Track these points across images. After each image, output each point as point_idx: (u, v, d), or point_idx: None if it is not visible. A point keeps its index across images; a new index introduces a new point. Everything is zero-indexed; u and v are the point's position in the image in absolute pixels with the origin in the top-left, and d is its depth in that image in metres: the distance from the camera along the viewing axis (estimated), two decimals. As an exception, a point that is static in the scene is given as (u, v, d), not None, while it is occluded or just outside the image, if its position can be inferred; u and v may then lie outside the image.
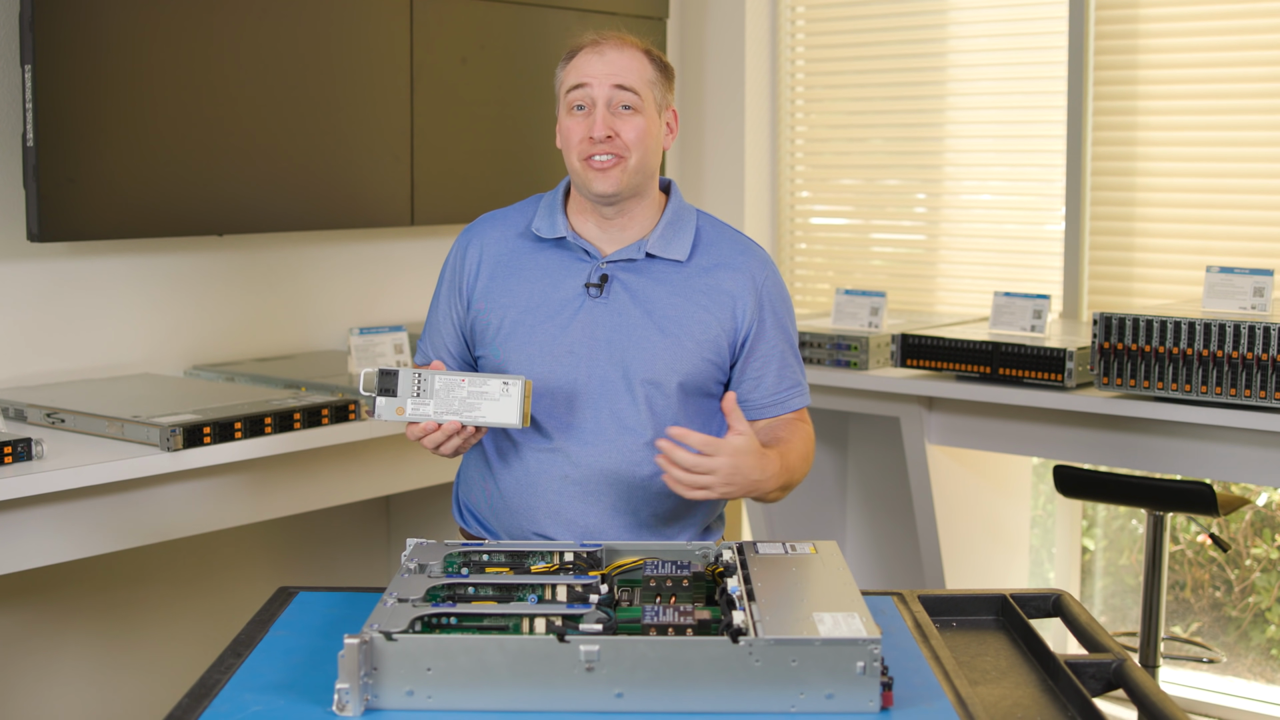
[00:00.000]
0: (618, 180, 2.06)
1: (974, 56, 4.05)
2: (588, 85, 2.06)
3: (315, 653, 1.72)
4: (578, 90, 2.07)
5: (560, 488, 2.08)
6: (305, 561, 3.73)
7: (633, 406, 2.07)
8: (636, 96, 2.07)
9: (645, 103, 2.08)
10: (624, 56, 2.08)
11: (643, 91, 2.08)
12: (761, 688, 1.51)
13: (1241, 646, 3.84)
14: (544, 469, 2.09)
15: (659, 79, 2.11)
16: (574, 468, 2.07)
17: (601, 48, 2.09)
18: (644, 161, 2.08)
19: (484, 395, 1.95)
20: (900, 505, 4.06)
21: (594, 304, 2.09)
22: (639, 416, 2.07)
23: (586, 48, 2.10)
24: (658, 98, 2.11)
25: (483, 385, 1.95)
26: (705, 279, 2.11)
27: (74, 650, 3.27)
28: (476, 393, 1.95)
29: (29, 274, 3.06)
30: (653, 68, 2.11)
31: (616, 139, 2.05)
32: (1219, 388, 2.99)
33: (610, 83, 2.06)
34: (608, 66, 2.07)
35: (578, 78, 2.08)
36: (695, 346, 2.09)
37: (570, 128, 2.08)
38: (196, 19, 3.13)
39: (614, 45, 2.09)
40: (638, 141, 2.07)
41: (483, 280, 2.15)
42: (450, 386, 1.95)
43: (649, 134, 2.08)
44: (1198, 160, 3.65)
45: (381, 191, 3.55)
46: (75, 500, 2.58)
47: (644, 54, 2.10)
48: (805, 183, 4.44)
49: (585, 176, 2.07)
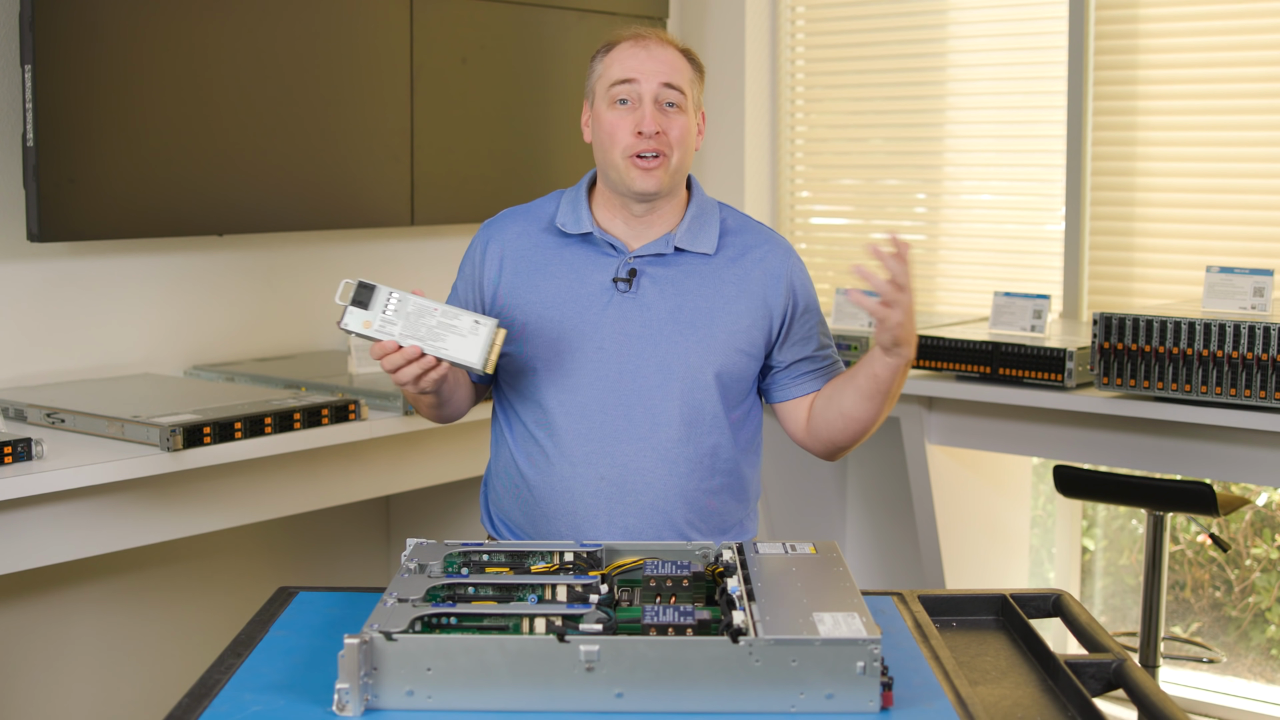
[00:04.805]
0: (659, 180, 2.05)
1: (974, 56, 4.05)
2: (635, 81, 2.05)
3: (315, 653, 1.72)
4: (624, 85, 2.05)
5: (597, 490, 2.05)
6: (305, 561, 3.72)
7: (667, 403, 2.05)
8: (682, 95, 2.06)
9: (687, 103, 2.08)
10: (668, 54, 2.08)
11: (687, 90, 2.07)
12: (761, 688, 1.51)
13: (1241, 646, 3.83)
14: (578, 472, 2.06)
15: (696, 79, 2.11)
16: (610, 469, 2.05)
17: (647, 43, 2.07)
18: (683, 161, 2.08)
19: (452, 329, 1.90)
20: (900, 505, 4.06)
21: (623, 299, 2.07)
22: (673, 412, 2.05)
23: (629, 41, 2.08)
24: (695, 98, 2.11)
25: (454, 319, 1.91)
26: (734, 270, 2.11)
27: (74, 650, 3.27)
28: (446, 324, 1.91)
29: (29, 274, 3.06)
30: (691, 68, 2.10)
31: (663, 136, 2.04)
32: (1219, 388, 2.99)
33: (659, 80, 2.04)
34: (656, 64, 2.05)
35: (624, 72, 2.05)
36: (728, 338, 2.08)
37: (615, 122, 2.06)
38: (196, 19, 3.13)
39: (657, 42, 2.08)
40: (680, 141, 2.06)
41: (506, 277, 2.12)
42: (422, 312, 1.90)
43: (690, 133, 2.08)
44: (1198, 160, 3.65)
45: (381, 191, 3.55)
46: (75, 500, 2.58)
47: (683, 54, 2.10)
48: (805, 183, 4.44)
49: (628, 174, 2.05)
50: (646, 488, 2.05)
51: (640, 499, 2.05)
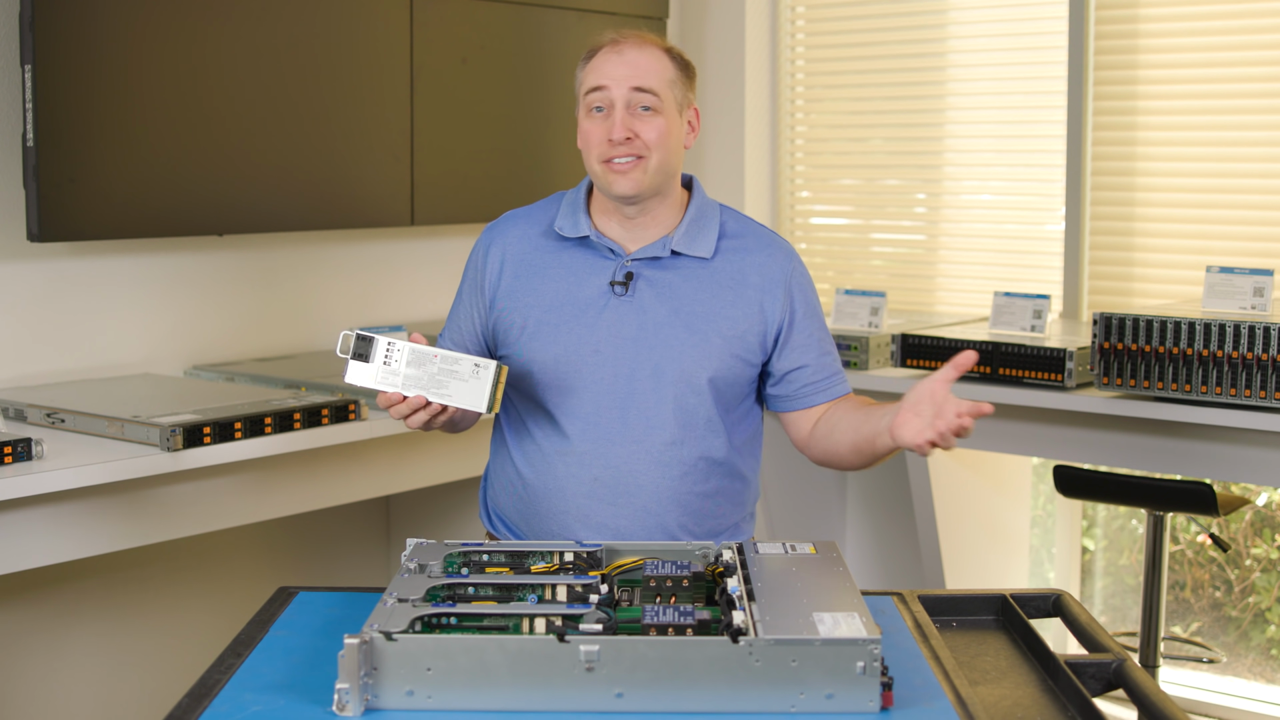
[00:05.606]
0: (638, 181, 2.05)
1: (974, 56, 4.05)
2: (606, 88, 2.05)
3: (315, 653, 1.72)
4: (596, 93, 2.06)
5: (590, 490, 2.06)
6: (305, 561, 3.73)
7: (661, 406, 2.05)
8: (655, 98, 2.05)
9: (665, 103, 2.06)
10: (644, 56, 2.06)
11: (662, 92, 2.06)
12: (761, 688, 1.51)
13: (1241, 646, 3.83)
14: (572, 472, 2.06)
15: (679, 78, 2.09)
16: (604, 470, 2.05)
17: (621, 47, 2.06)
18: (665, 161, 2.07)
19: (454, 374, 1.91)
20: (900, 505, 4.06)
21: (619, 302, 2.08)
22: (668, 416, 2.05)
23: (606, 47, 2.08)
24: (678, 97, 2.09)
25: (455, 364, 1.92)
26: (731, 275, 2.10)
27: (75, 650, 3.27)
28: (447, 370, 1.92)
29: (29, 274, 3.06)
30: (674, 67, 2.09)
31: (636, 140, 2.03)
32: (1219, 388, 2.99)
33: (629, 85, 2.04)
34: (627, 68, 2.05)
35: (596, 79, 2.06)
36: (723, 343, 2.07)
37: (589, 130, 2.07)
38: (196, 19, 3.13)
39: (634, 45, 2.07)
40: (658, 142, 2.05)
41: (505, 280, 2.13)
42: (422, 360, 1.91)
43: (669, 134, 2.06)
44: (1198, 160, 3.65)
45: (381, 191, 3.55)
46: (75, 500, 2.58)
47: (664, 53, 2.09)
48: (805, 183, 4.44)
49: (605, 179, 2.06)
50: (639, 490, 2.06)
51: (633, 501, 2.06)
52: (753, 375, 2.12)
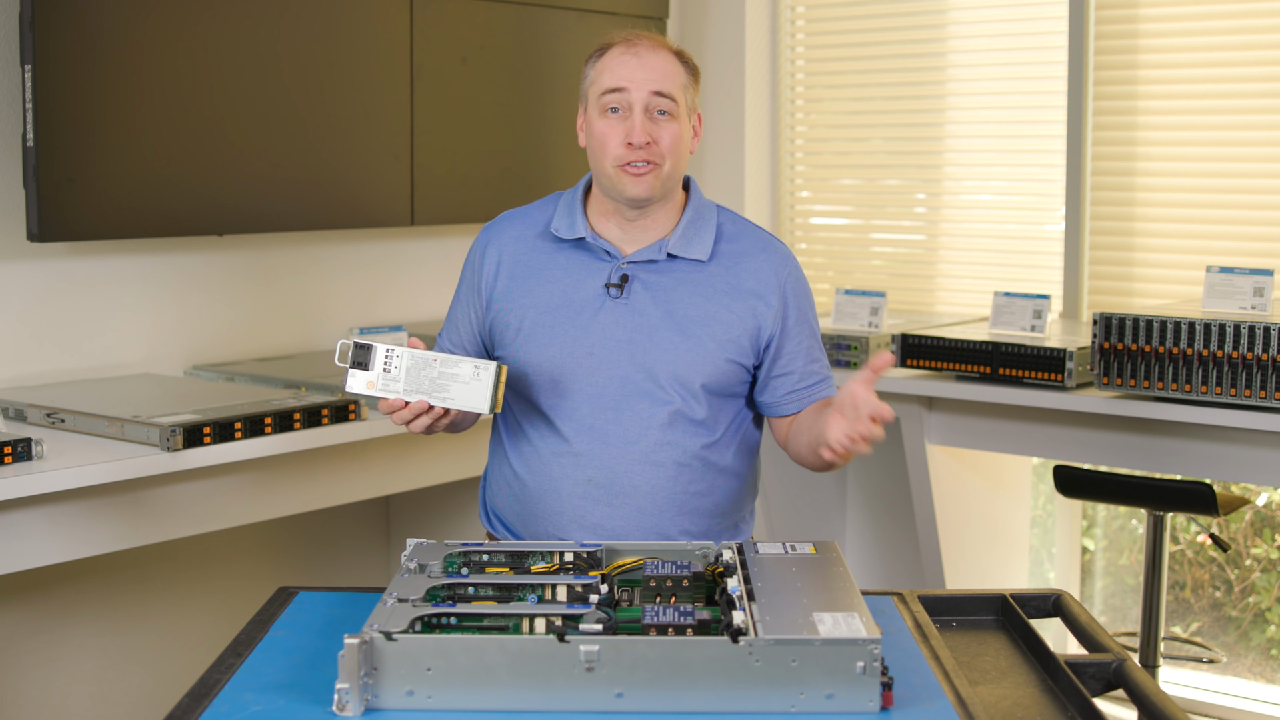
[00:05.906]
0: (651, 186, 2.04)
1: (974, 56, 4.05)
2: (625, 90, 2.03)
3: (315, 653, 1.72)
4: (614, 94, 2.04)
5: (585, 492, 2.06)
6: (305, 561, 3.73)
7: (654, 409, 2.05)
8: (673, 103, 2.04)
9: (680, 109, 2.06)
10: (660, 60, 2.05)
11: (678, 97, 2.05)
12: (761, 688, 1.51)
13: (1241, 646, 3.83)
14: (567, 473, 2.07)
15: (690, 83, 2.09)
16: (598, 471, 2.05)
17: (637, 49, 2.05)
18: (676, 167, 2.07)
19: (454, 378, 1.93)
20: (900, 505, 4.06)
21: (614, 304, 2.07)
22: (661, 418, 2.05)
23: (619, 46, 2.06)
24: (689, 102, 2.09)
25: (454, 367, 1.93)
26: (727, 278, 2.09)
27: (75, 650, 3.27)
28: (447, 374, 1.93)
29: (29, 274, 3.06)
30: (685, 72, 2.08)
31: (654, 146, 2.03)
32: (1219, 388, 2.99)
33: (649, 89, 2.03)
34: (646, 71, 2.03)
35: (615, 80, 2.04)
36: (717, 347, 2.07)
37: (606, 131, 2.05)
38: (196, 19, 3.13)
39: (649, 47, 2.06)
40: (672, 149, 2.04)
41: (502, 281, 2.13)
42: (422, 365, 1.93)
43: (682, 140, 2.06)
44: (1198, 160, 3.65)
45: (381, 191, 3.55)
46: (75, 500, 2.58)
47: (676, 57, 2.08)
48: (805, 183, 4.44)
49: (619, 182, 2.04)
50: (634, 491, 2.06)
51: (628, 502, 2.06)
52: (746, 378, 2.12)
